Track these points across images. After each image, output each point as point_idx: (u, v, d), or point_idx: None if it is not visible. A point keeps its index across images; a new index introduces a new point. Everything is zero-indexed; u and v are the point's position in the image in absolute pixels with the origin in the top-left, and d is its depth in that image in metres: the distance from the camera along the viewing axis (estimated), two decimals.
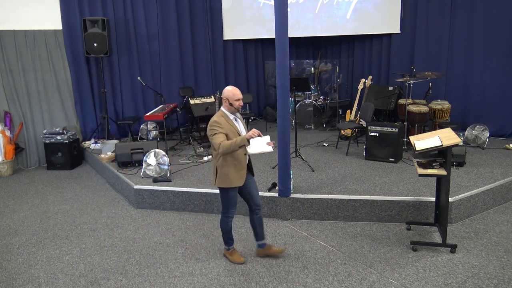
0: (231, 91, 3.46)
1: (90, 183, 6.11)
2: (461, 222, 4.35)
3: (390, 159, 5.64)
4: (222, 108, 3.55)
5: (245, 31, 8.48)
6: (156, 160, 5.28)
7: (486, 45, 6.66)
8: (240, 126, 3.59)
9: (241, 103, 3.51)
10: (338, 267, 3.60)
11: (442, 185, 3.91)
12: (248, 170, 3.63)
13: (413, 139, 3.89)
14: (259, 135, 3.29)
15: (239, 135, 3.44)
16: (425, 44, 7.31)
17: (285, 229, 4.35)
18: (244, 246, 4.02)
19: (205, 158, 6.08)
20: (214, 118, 3.50)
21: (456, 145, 3.56)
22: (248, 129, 3.60)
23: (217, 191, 4.74)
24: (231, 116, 3.53)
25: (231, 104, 3.47)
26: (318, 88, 8.56)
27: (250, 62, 9.05)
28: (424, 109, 6.07)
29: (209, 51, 8.36)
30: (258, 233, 3.74)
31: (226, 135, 3.41)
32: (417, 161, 3.86)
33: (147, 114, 6.28)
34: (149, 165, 5.28)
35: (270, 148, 3.48)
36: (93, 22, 6.78)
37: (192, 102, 7.30)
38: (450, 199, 4.18)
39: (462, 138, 6.13)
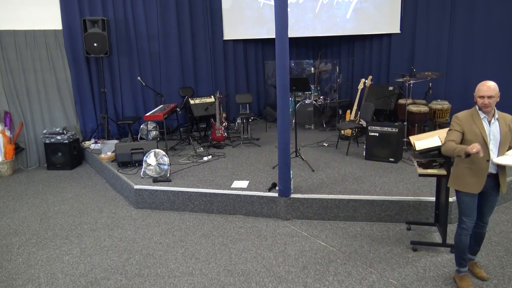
0: (478, 85, 3.04)
1: (90, 183, 6.11)
2: None
3: (390, 159, 5.65)
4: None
5: (245, 31, 8.48)
6: (156, 160, 5.28)
7: (486, 45, 6.66)
8: (493, 129, 3.06)
9: (486, 101, 3.00)
10: (338, 267, 3.60)
11: (442, 185, 3.91)
12: (493, 183, 3.15)
13: (413, 139, 3.89)
14: (477, 152, 2.91)
15: (484, 139, 3.03)
16: (425, 44, 7.31)
17: (285, 229, 4.35)
18: (244, 246, 4.02)
19: (205, 158, 6.08)
20: (461, 112, 3.16)
21: None
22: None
23: (217, 191, 4.80)
24: (482, 115, 3.07)
25: (476, 101, 3.06)
26: (318, 88, 8.56)
27: (250, 62, 9.05)
28: (424, 109, 6.07)
29: (209, 51, 8.36)
30: (470, 247, 3.37)
31: (463, 134, 3.08)
32: (417, 161, 3.85)
33: (147, 114, 6.28)
34: (149, 165, 5.28)
35: None
36: (93, 22, 6.78)
37: (192, 102, 7.31)
38: (450, 199, 4.15)
39: None
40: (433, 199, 4.23)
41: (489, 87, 3.01)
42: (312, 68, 8.91)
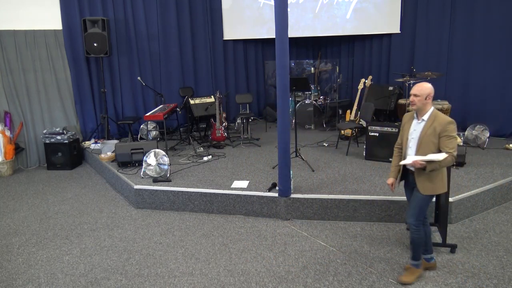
0: None
1: (90, 183, 6.11)
2: (461, 222, 4.34)
3: (390, 159, 5.60)
4: None
5: (245, 31, 8.48)
6: (156, 160, 5.28)
7: (486, 45, 6.66)
8: (417, 128, 3.16)
9: (411, 98, 3.09)
10: (338, 267, 3.60)
11: None
12: (414, 180, 3.23)
13: None
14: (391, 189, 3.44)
15: (404, 139, 3.26)
16: (425, 44, 7.31)
17: (285, 229, 4.35)
18: (244, 246, 4.02)
19: (205, 158, 6.08)
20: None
21: (456, 145, 3.56)
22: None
23: (217, 191, 4.80)
24: (415, 114, 3.20)
25: None
26: (318, 88, 8.57)
27: (250, 62, 9.05)
28: None
29: (209, 51, 8.37)
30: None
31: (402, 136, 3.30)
32: None
33: (147, 114, 6.27)
34: (149, 165, 5.28)
35: (409, 160, 3.10)
36: (93, 22, 6.78)
37: (192, 102, 7.32)
38: (450, 199, 4.18)
39: (462, 138, 6.13)
40: (433, 199, 4.23)
41: (418, 87, 3.10)
42: (312, 68, 8.92)
